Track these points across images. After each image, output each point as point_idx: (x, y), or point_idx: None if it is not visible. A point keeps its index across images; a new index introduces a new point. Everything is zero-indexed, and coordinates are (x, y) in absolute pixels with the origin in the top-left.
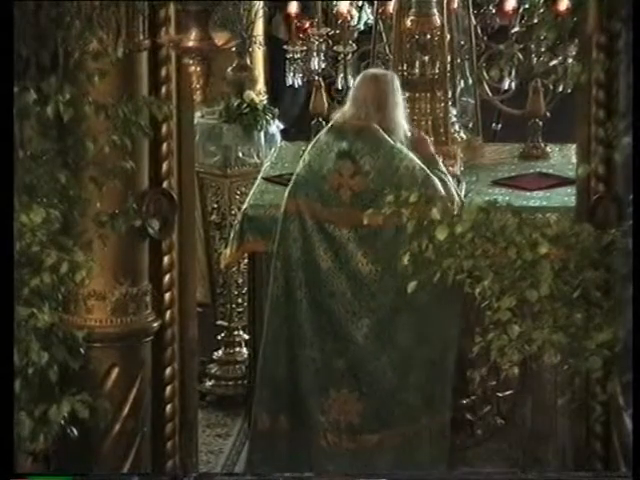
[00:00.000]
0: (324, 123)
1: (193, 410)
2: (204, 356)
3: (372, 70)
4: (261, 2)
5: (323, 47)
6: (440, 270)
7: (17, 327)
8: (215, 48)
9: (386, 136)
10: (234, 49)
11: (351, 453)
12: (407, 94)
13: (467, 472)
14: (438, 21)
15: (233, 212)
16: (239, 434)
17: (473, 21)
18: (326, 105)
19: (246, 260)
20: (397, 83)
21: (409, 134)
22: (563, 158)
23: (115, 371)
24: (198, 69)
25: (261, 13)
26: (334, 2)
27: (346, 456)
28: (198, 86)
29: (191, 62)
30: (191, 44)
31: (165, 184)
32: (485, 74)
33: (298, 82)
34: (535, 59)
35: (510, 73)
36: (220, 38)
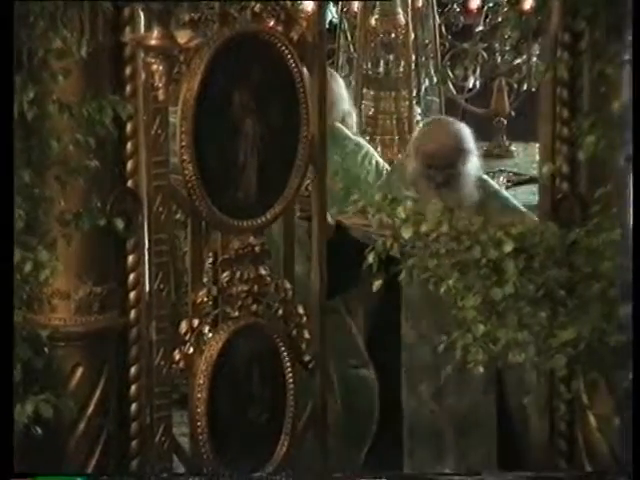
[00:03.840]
0: None
1: (159, 409)
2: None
3: None
4: None
5: None
6: (405, 268)
7: None
8: (178, 47)
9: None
10: None
11: None
12: (372, 93)
13: (468, 472)
14: (402, 20)
15: None
16: None
17: (437, 20)
18: None
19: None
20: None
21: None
22: (527, 157)
23: (79, 370)
24: (160, 68)
25: None
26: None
27: None
28: (160, 85)
29: (153, 61)
30: (153, 43)
31: (130, 183)
32: (449, 73)
33: None
34: (499, 58)
35: (474, 72)
36: (183, 36)
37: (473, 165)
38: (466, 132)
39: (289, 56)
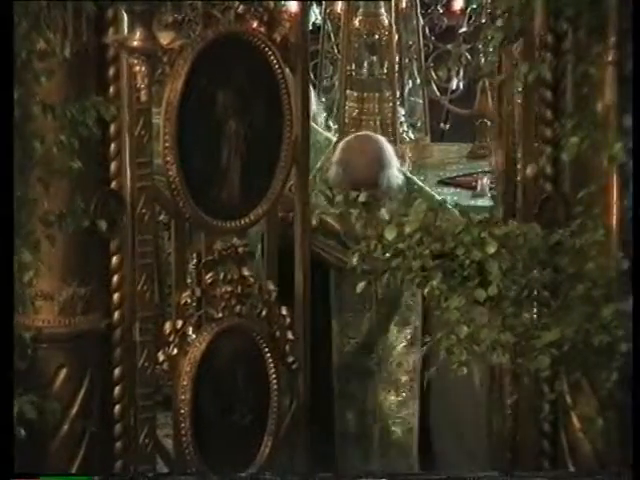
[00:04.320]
0: None
1: (144, 410)
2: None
3: None
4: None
5: None
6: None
7: None
8: (160, 48)
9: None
10: None
11: None
12: (355, 94)
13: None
14: (386, 21)
15: None
16: None
17: (421, 21)
18: None
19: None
20: None
21: None
22: None
23: (63, 372)
24: (143, 69)
25: None
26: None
27: None
28: (143, 86)
29: (135, 62)
30: (135, 44)
31: (114, 184)
32: (433, 74)
33: None
34: (483, 59)
35: (458, 73)
36: (165, 38)
37: (395, 176)
38: (386, 147)
39: (272, 57)
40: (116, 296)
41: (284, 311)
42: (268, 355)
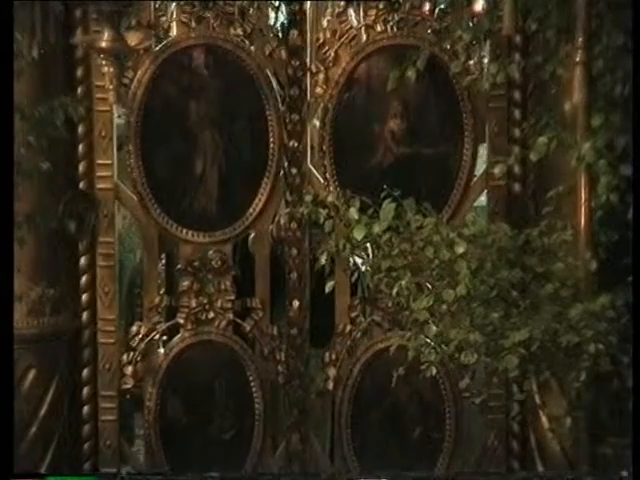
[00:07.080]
0: None
1: (105, 413)
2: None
3: None
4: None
5: None
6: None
7: None
8: (127, 49)
9: None
10: None
11: None
12: None
13: (467, 472)
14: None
15: None
16: None
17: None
18: None
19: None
20: None
21: None
22: (480, 157)
23: (32, 372)
24: (111, 70)
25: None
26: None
27: None
28: (111, 87)
29: (104, 63)
30: (103, 44)
31: (82, 184)
32: None
33: None
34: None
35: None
36: (133, 39)
37: None
38: None
39: (256, 70)
40: (84, 297)
41: (274, 331)
42: (249, 372)
